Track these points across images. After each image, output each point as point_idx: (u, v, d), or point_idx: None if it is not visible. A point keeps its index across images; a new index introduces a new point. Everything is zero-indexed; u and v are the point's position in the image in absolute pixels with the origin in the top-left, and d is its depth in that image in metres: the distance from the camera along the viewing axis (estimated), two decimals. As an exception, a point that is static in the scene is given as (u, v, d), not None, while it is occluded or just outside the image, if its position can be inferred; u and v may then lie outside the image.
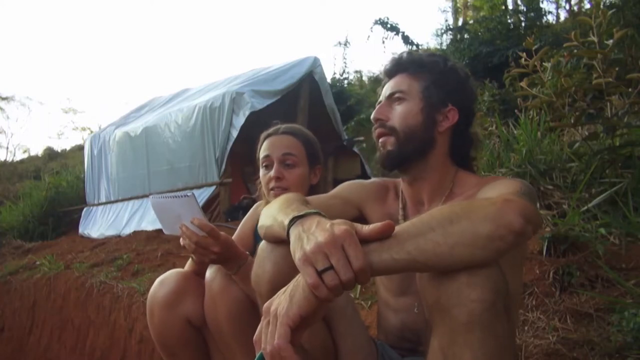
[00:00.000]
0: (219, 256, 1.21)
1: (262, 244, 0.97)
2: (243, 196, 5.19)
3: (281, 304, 0.73)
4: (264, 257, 0.94)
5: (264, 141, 1.48)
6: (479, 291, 0.71)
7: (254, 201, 1.72)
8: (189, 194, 1.26)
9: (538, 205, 2.23)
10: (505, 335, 0.74)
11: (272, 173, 1.41)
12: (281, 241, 0.86)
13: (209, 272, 1.28)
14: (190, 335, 1.34)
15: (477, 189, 1.01)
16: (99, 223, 6.03)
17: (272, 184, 1.41)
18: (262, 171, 1.46)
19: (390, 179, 1.21)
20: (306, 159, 1.44)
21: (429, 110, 1.08)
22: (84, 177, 6.96)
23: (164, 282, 1.37)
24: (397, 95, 1.10)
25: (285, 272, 0.90)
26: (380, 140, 1.10)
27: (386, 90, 1.13)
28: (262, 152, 1.46)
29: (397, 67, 1.14)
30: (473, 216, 0.73)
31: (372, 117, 1.12)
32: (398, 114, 1.08)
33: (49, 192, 7.13)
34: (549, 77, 2.71)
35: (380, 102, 1.14)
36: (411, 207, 1.14)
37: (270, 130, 1.48)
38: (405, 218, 1.13)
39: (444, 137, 1.10)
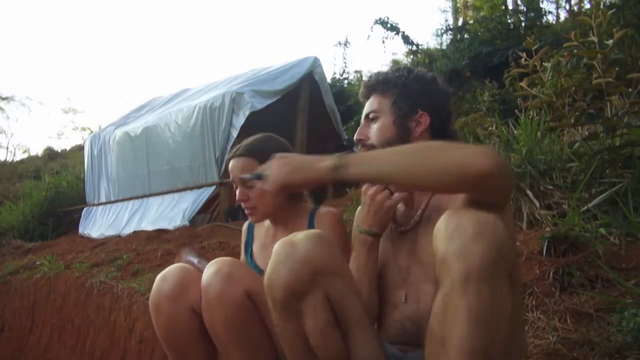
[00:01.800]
0: None
1: (277, 246, 1.00)
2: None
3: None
4: (278, 261, 0.97)
5: (228, 163, 1.59)
6: (481, 246, 0.77)
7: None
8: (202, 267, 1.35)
9: (538, 204, 2.23)
10: (505, 298, 0.78)
11: (237, 197, 1.50)
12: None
13: (205, 276, 1.27)
14: (198, 327, 1.33)
15: None
16: (99, 223, 6.03)
17: (243, 205, 1.51)
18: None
19: None
20: None
21: (401, 121, 1.17)
22: (84, 177, 6.96)
23: (166, 276, 1.37)
24: (371, 115, 1.21)
25: (303, 280, 0.95)
26: None
27: (364, 112, 1.24)
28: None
29: (369, 89, 1.24)
30: (448, 146, 0.88)
31: (354, 139, 1.22)
32: (374, 132, 1.19)
33: (49, 192, 7.13)
34: (549, 77, 2.71)
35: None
36: (400, 204, 1.21)
37: (232, 152, 1.57)
38: (394, 218, 1.21)
39: (421, 140, 1.17)
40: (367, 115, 1.22)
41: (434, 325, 0.85)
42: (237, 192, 1.51)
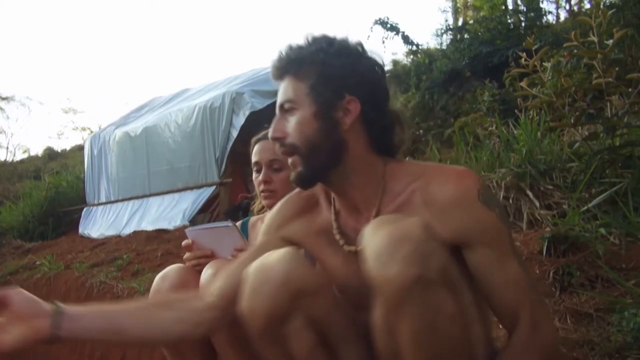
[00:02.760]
0: None
1: (252, 272, 0.90)
2: (242, 195, 5.19)
3: None
4: (255, 288, 0.88)
5: (254, 146, 1.57)
6: (401, 265, 0.72)
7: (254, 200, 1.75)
8: (229, 225, 1.32)
9: (538, 204, 2.23)
10: (444, 303, 0.75)
11: (260, 177, 1.50)
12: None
13: (203, 278, 1.27)
14: None
15: (413, 181, 0.93)
16: (99, 223, 6.03)
17: (261, 187, 1.50)
18: (254, 175, 1.56)
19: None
20: None
21: (324, 111, 0.92)
22: (84, 177, 6.96)
23: (165, 276, 1.37)
24: (286, 105, 0.96)
25: (284, 304, 0.86)
26: (289, 161, 0.98)
27: (277, 100, 0.99)
28: (253, 157, 1.56)
29: (280, 70, 0.98)
30: None
31: (269, 136, 0.99)
32: (293, 128, 0.94)
33: (49, 192, 7.13)
34: (549, 77, 2.71)
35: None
36: (346, 215, 1.01)
37: (260, 135, 1.55)
38: (340, 230, 1.00)
39: (354, 132, 0.94)
40: (281, 106, 0.97)
41: (381, 345, 0.83)
42: (262, 173, 1.49)
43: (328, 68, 0.92)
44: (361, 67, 0.94)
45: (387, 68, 1.06)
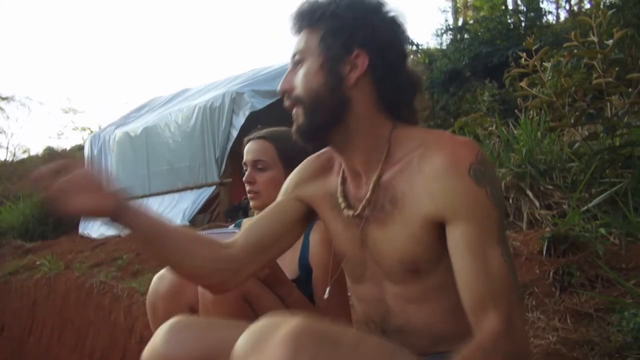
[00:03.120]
0: (268, 277, 1.23)
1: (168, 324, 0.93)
2: (244, 197, 5.19)
3: None
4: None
5: (245, 145, 1.57)
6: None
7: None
8: (236, 230, 1.31)
9: (538, 204, 2.23)
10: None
11: (244, 177, 1.49)
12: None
13: None
14: None
15: (415, 148, 0.87)
16: (99, 223, 6.03)
17: (247, 188, 1.49)
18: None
19: None
20: (280, 162, 1.46)
21: (330, 64, 0.88)
22: (84, 177, 6.96)
23: (163, 276, 1.37)
24: (296, 57, 0.92)
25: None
26: (293, 113, 0.95)
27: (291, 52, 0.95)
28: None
29: (297, 22, 0.93)
30: None
31: (277, 90, 0.96)
32: (299, 80, 0.91)
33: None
34: (549, 77, 2.71)
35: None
36: (351, 180, 0.96)
37: (251, 135, 1.56)
38: (345, 195, 0.95)
39: (359, 90, 0.89)
40: (292, 58, 0.94)
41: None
42: (246, 173, 1.49)
43: (339, 20, 0.88)
44: (374, 22, 0.88)
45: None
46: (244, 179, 1.50)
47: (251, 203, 1.50)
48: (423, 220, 0.82)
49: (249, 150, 1.51)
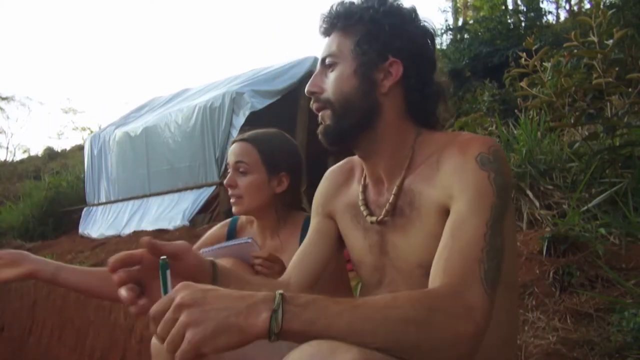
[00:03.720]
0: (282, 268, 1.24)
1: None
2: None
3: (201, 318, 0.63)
4: None
5: (230, 147, 1.55)
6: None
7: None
8: (249, 240, 1.31)
9: (538, 204, 2.23)
10: None
11: (226, 180, 1.46)
12: None
13: None
14: None
15: (436, 151, 0.88)
16: (99, 223, 6.04)
17: (229, 192, 1.46)
18: None
19: None
20: (262, 166, 1.42)
21: (364, 70, 0.88)
22: (84, 177, 6.96)
23: None
24: (328, 60, 0.93)
25: None
26: (320, 114, 0.95)
27: (320, 54, 0.96)
28: None
29: (329, 24, 0.94)
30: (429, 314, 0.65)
31: (305, 90, 0.96)
32: (331, 82, 0.91)
33: (49, 192, 7.14)
34: (549, 77, 2.72)
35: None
36: (372, 187, 0.97)
37: (237, 137, 1.53)
38: (366, 203, 0.96)
39: (391, 98, 0.90)
40: (323, 60, 0.94)
41: None
42: (228, 177, 1.45)
43: (376, 26, 0.89)
44: (410, 31, 0.90)
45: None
46: (224, 182, 1.45)
47: (233, 208, 1.45)
48: (436, 212, 0.83)
49: (232, 152, 1.47)
